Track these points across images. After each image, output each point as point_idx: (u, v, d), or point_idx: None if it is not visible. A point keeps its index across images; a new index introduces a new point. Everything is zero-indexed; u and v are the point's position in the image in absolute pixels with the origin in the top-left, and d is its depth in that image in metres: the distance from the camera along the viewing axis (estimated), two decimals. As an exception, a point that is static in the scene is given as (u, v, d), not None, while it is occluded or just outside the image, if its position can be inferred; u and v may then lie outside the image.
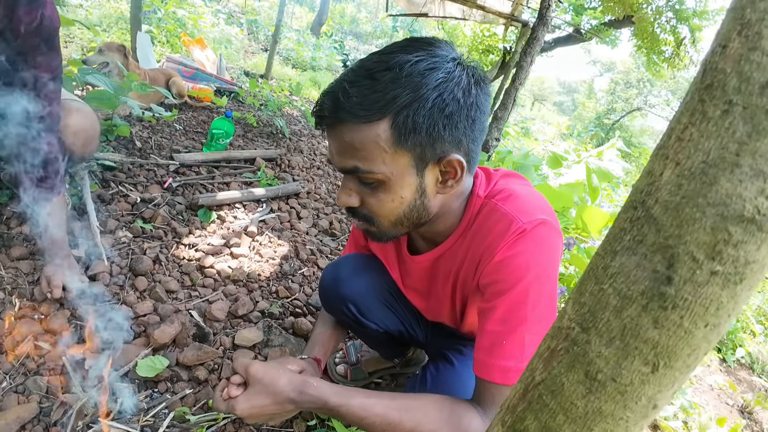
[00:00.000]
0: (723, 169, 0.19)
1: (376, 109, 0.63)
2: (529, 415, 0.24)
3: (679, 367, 0.20)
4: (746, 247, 0.19)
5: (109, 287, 1.31)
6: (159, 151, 2.19)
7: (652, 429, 1.89)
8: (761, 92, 0.19)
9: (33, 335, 1.11)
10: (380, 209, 0.72)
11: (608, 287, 0.21)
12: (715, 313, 0.19)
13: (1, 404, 0.95)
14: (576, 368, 0.22)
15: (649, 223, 0.20)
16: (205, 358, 1.16)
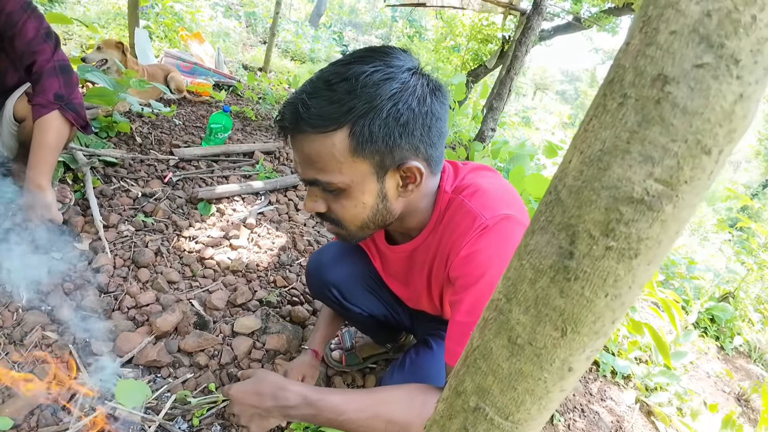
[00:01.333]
0: (615, 156, 0.22)
1: (333, 120, 0.65)
2: (467, 378, 0.27)
3: (586, 333, 0.23)
4: (638, 225, 0.21)
5: (113, 279, 1.35)
6: (159, 147, 2.23)
7: (646, 414, 1.93)
8: (652, 84, 0.21)
9: (41, 325, 1.16)
10: (345, 214, 0.75)
11: (526, 262, 0.24)
12: (613, 285, 0.22)
13: (10, 391, 1.00)
14: (501, 334, 0.25)
15: (557, 205, 0.23)
16: (206, 345, 1.20)
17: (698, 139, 0.20)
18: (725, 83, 0.19)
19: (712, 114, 0.20)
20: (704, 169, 0.21)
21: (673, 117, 0.20)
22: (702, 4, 0.19)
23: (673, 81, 0.20)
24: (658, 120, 0.20)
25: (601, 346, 0.24)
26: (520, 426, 0.26)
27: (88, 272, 1.35)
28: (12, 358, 1.07)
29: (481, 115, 2.87)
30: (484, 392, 0.26)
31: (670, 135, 0.20)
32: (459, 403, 0.28)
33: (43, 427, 0.95)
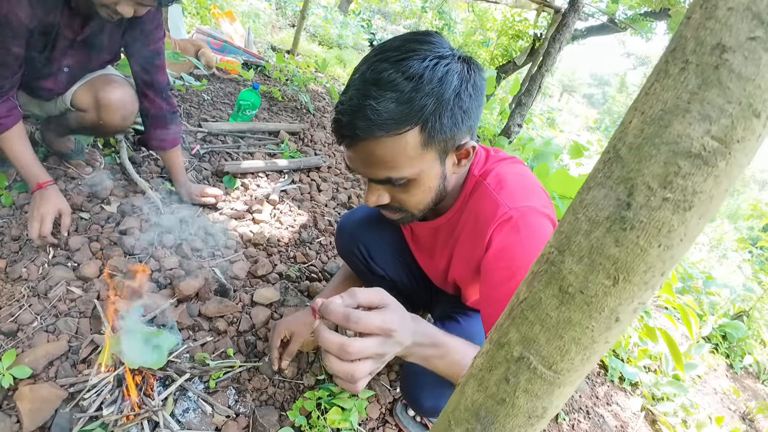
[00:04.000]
0: (676, 115, 0.23)
1: (406, 121, 0.68)
2: (512, 329, 0.28)
3: (637, 282, 0.24)
4: (693, 178, 0.22)
5: (139, 242, 1.39)
6: (188, 119, 2.27)
7: (650, 423, 1.92)
8: (711, 52, 0.22)
9: (66, 281, 1.20)
10: (411, 201, 0.80)
11: (581, 216, 0.25)
12: (667, 235, 0.23)
13: (31, 342, 1.04)
14: (552, 284, 0.26)
15: (616, 162, 0.24)
16: (225, 311, 1.24)
17: (750, 102, 0.22)
18: None
19: (763, 81, 0.22)
20: (754, 131, 0.22)
21: (729, 81, 0.22)
22: None
23: (730, 50, 0.22)
24: (716, 83, 0.22)
25: (648, 300, 0.25)
26: (562, 376, 0.27)
27: (115, 233, 1.40)
28: (35, 309, 1.12)
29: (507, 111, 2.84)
30: (530, 342, 0.27)
31: (726, 97, 0.22)
32: (501, 354, 0.29)
33: (62, 378, 0.98)
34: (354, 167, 0.77)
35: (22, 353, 1.00)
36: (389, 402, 1.22)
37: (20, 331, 1.06)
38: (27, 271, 1.19)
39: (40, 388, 0.93)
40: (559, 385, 0.27)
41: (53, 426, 0.90)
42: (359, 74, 0.70)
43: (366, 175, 0.76)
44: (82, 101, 1.34)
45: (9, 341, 1.04)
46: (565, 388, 0.27)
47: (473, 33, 6.75)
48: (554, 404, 0.28)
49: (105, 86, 1.31)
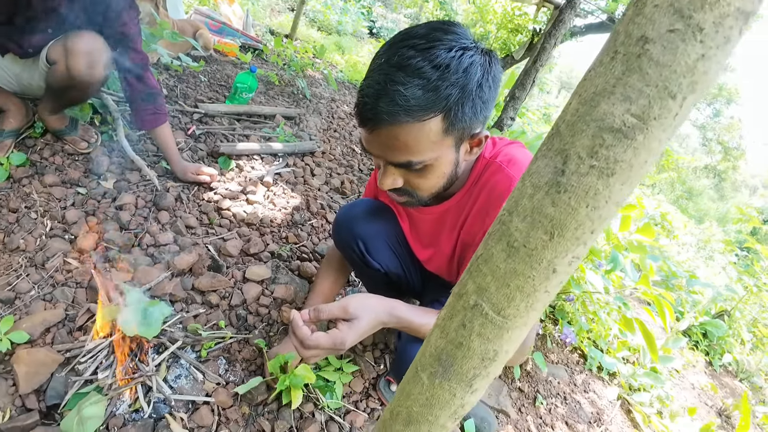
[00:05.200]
0: (604, 96, 0.27)
1: (430, 108, 0.71)
2: (469, 281, 0.33)
3: (569, 238, 0.29)
4: (615, 149, 0.27)
5: (135, 218, 1.43)
6: (184, 100, 2.28)
7: (626, 412, 2.00)
8: (636, 43, 0.26)
9: (63, 252, 1.23)
10: (425, 185, 0.83)
11: (528, 182, 0.30)
12: (593, 197, 0.27)
13: (29, 309, 1.07)
14: (502, 240, 0.31)
15: (556, 137, 0.29)
16: (218, 286, 1.28)
17: (666, 85, 0.26)
18: (690, 45, 0.25)
19: (678, 67, 0.25)
20: (670, 110, 0.26)
21: (648, 67, 0.26)
22: None
23: (651, 41, 0.26)
24: (637, 69, 0.26)
25: (582, 255, 0.30)
26: (510, 321, 0.31)
27: (111, 209, 1.43)
28: (32, 279, 1.15)
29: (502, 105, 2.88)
30: (482, 290, 0.32)
31: (645, 81, 0.26)
32: (460, 303, 0.34)
33: (59, 344, 1.02)
34: (372, 150, 0.79)
35: (20, 320, 1.03)
36: (372, 377, 1.27)
37: (18, 299, 1.09)
38: (24, 243, 1.22)
39: (37, 352, 0.96)
40: (507, 329, 0.32)
41: (49, 389, 0.94)
42: (384, 59, 0.72)
43: (385, 158, 0.79)
44: (54, 53, 1.35)
45: (6, 308, 1.07)
46: (512, 332, 0.32)
47: (473, 25, 6.74)
48: (504, 348, 0.33)
49: (74, 35, 1.32)
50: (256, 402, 1.08)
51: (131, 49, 1.46)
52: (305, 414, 1.11)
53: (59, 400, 0.93)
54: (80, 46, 1.31)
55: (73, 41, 1.31)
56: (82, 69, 1.32)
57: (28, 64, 1.44)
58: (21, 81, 1.48)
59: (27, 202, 1.33)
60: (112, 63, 1.44)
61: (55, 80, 1.37)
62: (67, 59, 1.31)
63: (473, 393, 0.35)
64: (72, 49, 1.30)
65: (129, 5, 1.42)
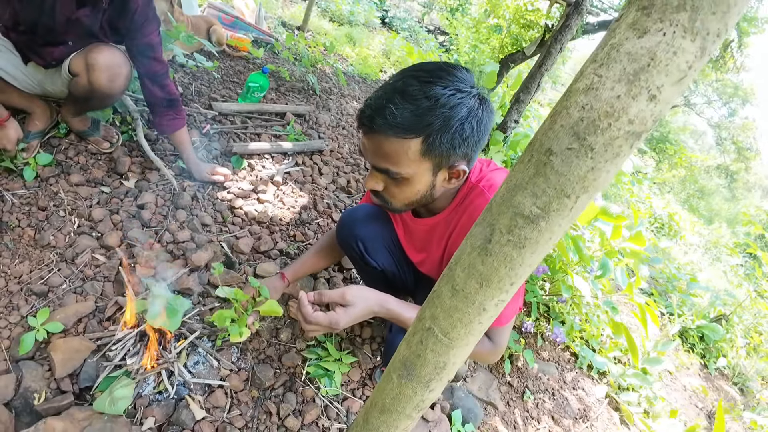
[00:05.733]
0: (519, 189, 0.37)
1: (413, 130, 0.84)
2: (427, 309, 0.44)
3: (494, 287, 0.39)
4: (525, 230, 0.36)
5: (155, 216, 1.55)
6: (198, 98, 2.39)
7: (613, 410, 2.09)
8: (544, 153, 0.36)
9: (90, 249, 1.36)
10: (399, 196, 0.97)
11: (469, 243, 0.40)
12: (510, 262, 0.37)
13: (62, 302, 1.19)
14: (448, 283, 0.41)
15: (488, 212, 0.39)
16: (231, 281, 1.40)
17: (563, 188, 0.35)
18: (582, 160, 0.34)
19: (572, 176, 0.34)
20: (565, 206, 0.36)
21: (550, 174, 0.35)
22: (580, 112, 0.33)
23: (554, 153, 0.35)
24: (543, 174, 0.35)
25: (506, 299, 0.40)
26: (453, 341, 0.42)
27: (133, 207, 1.55)
28: (63, 273, 1.26)
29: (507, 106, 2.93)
30: (435, 318, 0.42)
31: (547, 183, 0.35)
32: (419, 325, 0.44)
33: (90, 333, 1.14)
34: (364, 152, 0.93)
35: (54, 311, 1.15)
36: (369, 368, 1.39)
37: (51, 293, 1.22)
38: (54, 239, 1.34)
39: (72, 340, 1.09)
40: (452, 347, 0.42)
41: (82, 373, 1.06)
42: (392, 81, 0.87)
43: (371, 162, 0.93)
44: (76, 65, 1.43)
45: (41, 301, 1.20)
46: (456, 349, 0.43)
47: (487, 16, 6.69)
48: (451, 360, 0.44)
49: (94, 48, 1.39)
50: (264, 386, 1.20)
51: (153, 58, 1.53)
52: (307, 399, 1.24)
53: (91, 383, 1.06)
54: (101, 61, 1.38)
55: (94, 56, 1.37)
56: (104, 83, 1.40)
57: (50, 72, 1.53)
58: (44, 86, 1.58)
59: (55, 200, 1.46)
60: (133, 73, 1.52)
61: (77, 90, 1.45)
62: (89, 73, 1.38)
63: (431, 392, 0.46)
64: (93, 64, 1.37)
65: (152, 17, 1.49)
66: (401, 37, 7.37)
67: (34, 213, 1.41)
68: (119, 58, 1.43)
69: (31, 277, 1.24)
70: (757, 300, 3.45)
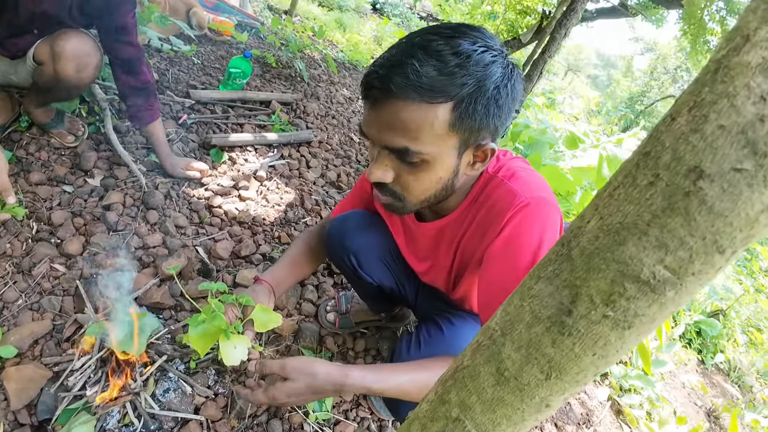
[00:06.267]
0: (633, 234, 0.22)
1: (443, 92, 0.65)
2: (453, 390, 0.30)
3: (569, 381, 0.25)
4: (638, 302, 0.22)
5: (122, 218, 1.38)
6: (176, 85, 2.20)
7: (615, 413, 2.01)
8: (687, 174, 0.21)
9: (49, 258, 1.20)
10: (416, 188, 0.75)
11: (527, 305, 0.26)
12: (602, 347, 0.23)
13: (17, 320, 1.04)
14: (491, 363, 0.27)
15: (567, 262, 0.24)
16: (208, 293, 1.25)
17: (716, 239, 0.20)
18: (757, 192, 0.19)
19: (736, 219, 0.20)
20: (714, 265, 0.21)
21: (698, 213, 0.20)
22: (758, 105, 0.18)
23: (707, 177, 0.20)
24: (683, 212, 0.21)
25: (579, 391, 0.26)
26: (494, 444, 0.28)
27: (98, 208, 1.38)
28: (19, 287, 1.11)
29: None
30: (467, 408, 0.28)
31: (690, 229, 0.21)
32: (443, 410, 0.30)
33: (47, 356, 1.00)
34: (370, 130, 0.72)
35: (8, 332, 1.02)
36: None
37: (6, 309, 1.07)
38: (11, 247, 1.18)
39: (25, 368, 0.95)
40: (493, 453, 0.29)
41: (39, 403, 0.93)
42: (407, 39, 0.69)
43: (381, 142, 0.71)
44: (41, 53, 1.29)
45: (-6, 319, 1.04)
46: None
47: (481, 4, 6.50)
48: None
49: (61, 35, 1.25)
50: (245, 415, 1.06)
51: (127, 42, 1.38)
52: (294, 426, 1.10)
53: (50, 415, 0.92)
54: (68, 50, 1.24)
55: (60, 44, 1.23)
56: (71, 73, 1.27)
57: (14, 62, 1.38)
58: (6, 76, 1.42)
59: (10, 201, 1.28)
60: (103, 60, 1.37)
61: (42, 80, 1.31)
62: (55, 62, 1.25)
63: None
64: (60, 52, 1.23)
65: (133, 18, 1.35)
66: (393, 23, 7.14)
67: (-14, 218, 1.24)
68: (88, 45, 1.28)
69: (-17, 292, 1.08)
70: (756, 295, 3.40)
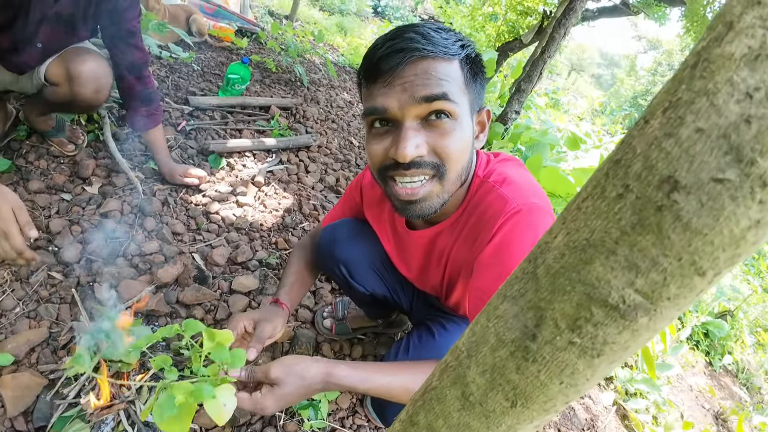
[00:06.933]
0: (600, 252, 0.20)
1: (452, 50, 0.71)
2: (421, 412, 0.28)
3: (536, 409, 0.23)
4: (606, 329, 0.20)
5: (120, 225, 1.38)
6: (176, 92, 2.21)
7: (621, 418, 1.98)
8: (659, 186, 0.18)
9: (47, 265, 1.20)
10: (453, 149, 0.71)
11: (492, 326, 0.24)
12: (570, 375, 0.21)
13: (14, 328, 1.05)
14: (456, 386, 0.26)
15: (533, 280, 0.22)
16: (203, 299, 1.25)
17: (694, 260, 0.18)
18: (743, 206, 0.16)
19: (718, 237, 0.17)
20: (693, 289, 0.19)
21: (671, 230, 0.18)
22: (743, 104, 0.16)
23: (683, 189, 0.17)
24: (655, 229, 0.18)
25: (551, 419, 0.24)
26: (464, 472, 0.27)
27: (96, 216, 1.39)
28: (17, 295, 1.12)
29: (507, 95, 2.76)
30: (433, 431, 0.27)
31: (663, 248, 0.18)
32: (412, 431, 0.29)
33: (43, 364, 1.00)
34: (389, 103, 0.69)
35: (5, 339, 1.02)
36: (360, 394, 1.25)
37: (3, 317, 1.07)
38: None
39: (21, 376, 0.96)
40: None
41: (35, 411, 0.94)
42: (393, 30, 0.73)
43: (413, 100, 0.68)
44: (55, 74, 1.29)
45: (-9, 326, 1.05)
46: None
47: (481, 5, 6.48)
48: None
49: (76, 58, 1.26)
50: (238, 423, 1.05)
51: (134, 46, 1.38)
52: (289, 434, 1.09)
53: (46, 422, 0.93)
54: (86, 73, 1.25)
55: (77, 67, 1.25)
56: (89, 95, 1.28)
57: (18, 76, 1.38)
58: (6, 86, 1.41)
59: (7, 210, 1.29)
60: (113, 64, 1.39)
61: (55, 98, 1.32)
62: (72, 84, 1.26)
63: None
64: (77, 76, 1.25)
65: (135, 2, 1.34)
66: (394, 26, 7.15)
67: (-17, 225, 1.24)
68: (104, 67, 1.31)
69: (-20, 301, 1.09)
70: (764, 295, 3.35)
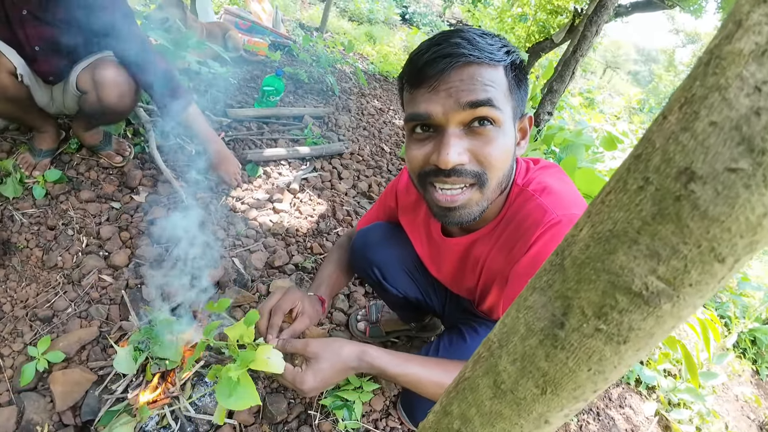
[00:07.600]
0: (623, 242, 0.21)
1: (498, 56, 0.70)
2: (455, 402, 0.30)
3: (565, 396, 0.24)
4: (631, 315, 0.21)
5: (166, 231, 1.47)
6: (214, 105, 2.32)
7: (663, 429, 1.88)
8: (676, 177, 0.19)
9: (97, 269, 1.29)
10: (495, 157, 0.71)
11: (522, 317, 0.25)
12: (597, 362, 0.22)
13: (66, 327, 1.13)
14: (489, 375, 0.27)
15: (560, 272, 0.24)
16: (243, 301, 1.30)
17: (713, 246, 0.19)
18: (757, 194, 0.17)
19: (735, 224, 0.18)
20: (714, 275, 0.20)
21: (690, 219, 0.19)
22: (753, 97, 0.16)
23: (699, 180, 0.18)
24: (674, 218, 0.19)
25: (581, 408, 0.25)
26: (494, 456, 0.28)
27: (143, 223, 1.48)
28: (69, 296, 1.21)
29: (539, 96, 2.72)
30: (467, 420, 0.28)
31: (683, 236, 0.19)
32: (445, 422, 0.30)
33: (93, 361, 1.07)
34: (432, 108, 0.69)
35: (57, 338, 1.10)
36: (393, 395, 1.26)
37: (55, 317, 1.16)
38: (62, 260, 1.28)
39: (72, 372, 1.02)
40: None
41: (83, 405, 1.00)
42: (436, 35, 0.73)
43: (457, 106, 0.68)
44: (84, 82, 1.39)
45: (45, 326, 1.14)
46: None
47: (510, 7, 6.41)
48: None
49: (100, 65, 1.35)
50: (276, 421, 1.09)
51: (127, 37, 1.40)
52: (325, 434, 1.12)
53: (93, 416, 0.99)
54: (108, 78, 1.34)
55: (100, 73, 1.34)
56: (113, 100, 1.37)
57: (59, 88, 1.50)
58: (57, 103, 1.54)
59: (64, 218, 1.40)
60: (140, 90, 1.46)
61: (88, 107, 1.42)
62: (98, 90, 1.35)
63: None
64: (101, 81, 1.34)
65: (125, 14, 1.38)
66: (422, 32, 7.18)
67: (42, 233, 1.36)
68: (124, 74, 1.39)
69: (37, 301, 1.19)
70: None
